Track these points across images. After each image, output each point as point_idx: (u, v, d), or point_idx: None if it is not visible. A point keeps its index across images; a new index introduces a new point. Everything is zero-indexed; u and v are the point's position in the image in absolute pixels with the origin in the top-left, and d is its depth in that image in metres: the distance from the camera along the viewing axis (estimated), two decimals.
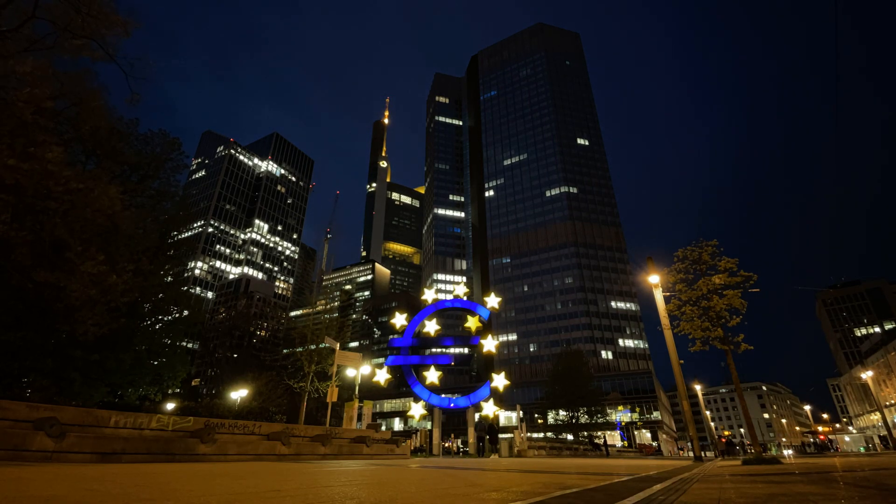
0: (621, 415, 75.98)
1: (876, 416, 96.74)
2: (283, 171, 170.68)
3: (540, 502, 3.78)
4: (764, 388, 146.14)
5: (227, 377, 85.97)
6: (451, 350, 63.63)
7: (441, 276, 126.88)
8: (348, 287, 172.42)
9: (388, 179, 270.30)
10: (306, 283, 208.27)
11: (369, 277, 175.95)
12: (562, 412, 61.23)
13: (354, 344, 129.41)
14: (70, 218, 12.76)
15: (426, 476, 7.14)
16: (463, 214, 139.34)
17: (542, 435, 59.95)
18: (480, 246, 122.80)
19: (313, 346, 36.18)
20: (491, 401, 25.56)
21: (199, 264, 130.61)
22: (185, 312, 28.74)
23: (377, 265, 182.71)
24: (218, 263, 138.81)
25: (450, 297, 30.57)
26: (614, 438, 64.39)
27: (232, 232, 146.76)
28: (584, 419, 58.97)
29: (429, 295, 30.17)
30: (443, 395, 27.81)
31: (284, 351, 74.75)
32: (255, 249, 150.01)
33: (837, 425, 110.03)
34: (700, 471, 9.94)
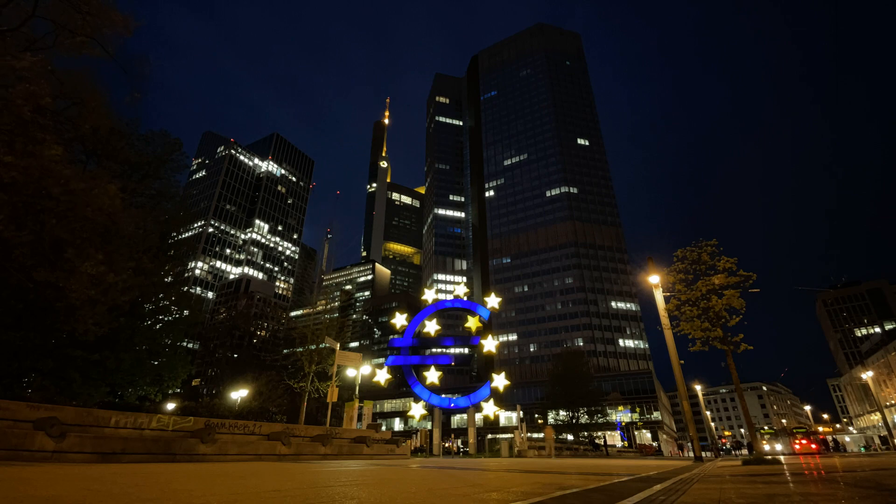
0: (621, 415, 75.89)
1: (876, 417, 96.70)
2: (283, 172, 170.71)
3: (540, 502, 3.77)
4: (764, 388, 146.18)
5: (228, 377, 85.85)
6: (451, 350, 63.73)
7: (441, 276, 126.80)
8: (348, 287, 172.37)
9: (388, 179, 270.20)
10: (306, 283, 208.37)
11: (369, 277, 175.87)
12: (562, 412, 61.18)
13: (354, 344, 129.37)
14: (70, 217, 12.73)
15: (426, 476, 7.13)
16: (463, 214, 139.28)
17: (542, 435, 59.82)
18: (480, 246, 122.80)
19: (313, 347, 36.20)
20: (491, 401, 25.56)
21: (200, 264, 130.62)
22: (186, 312, 28.72)
23: (377, 265, 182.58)
24: (218, 263, 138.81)
25: (450, 297, 30.58)
26: (614, 438, 64.34)
27: (232, 232, 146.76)
28: (584, 419, 58.93)
29: (429, 295, 30.17)
30: (443, 395, 27.81)
31: (284, 351, 74.85)
32: (255, 249, 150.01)
33: (838, 425, 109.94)
34: (700, 471, 9.93)
